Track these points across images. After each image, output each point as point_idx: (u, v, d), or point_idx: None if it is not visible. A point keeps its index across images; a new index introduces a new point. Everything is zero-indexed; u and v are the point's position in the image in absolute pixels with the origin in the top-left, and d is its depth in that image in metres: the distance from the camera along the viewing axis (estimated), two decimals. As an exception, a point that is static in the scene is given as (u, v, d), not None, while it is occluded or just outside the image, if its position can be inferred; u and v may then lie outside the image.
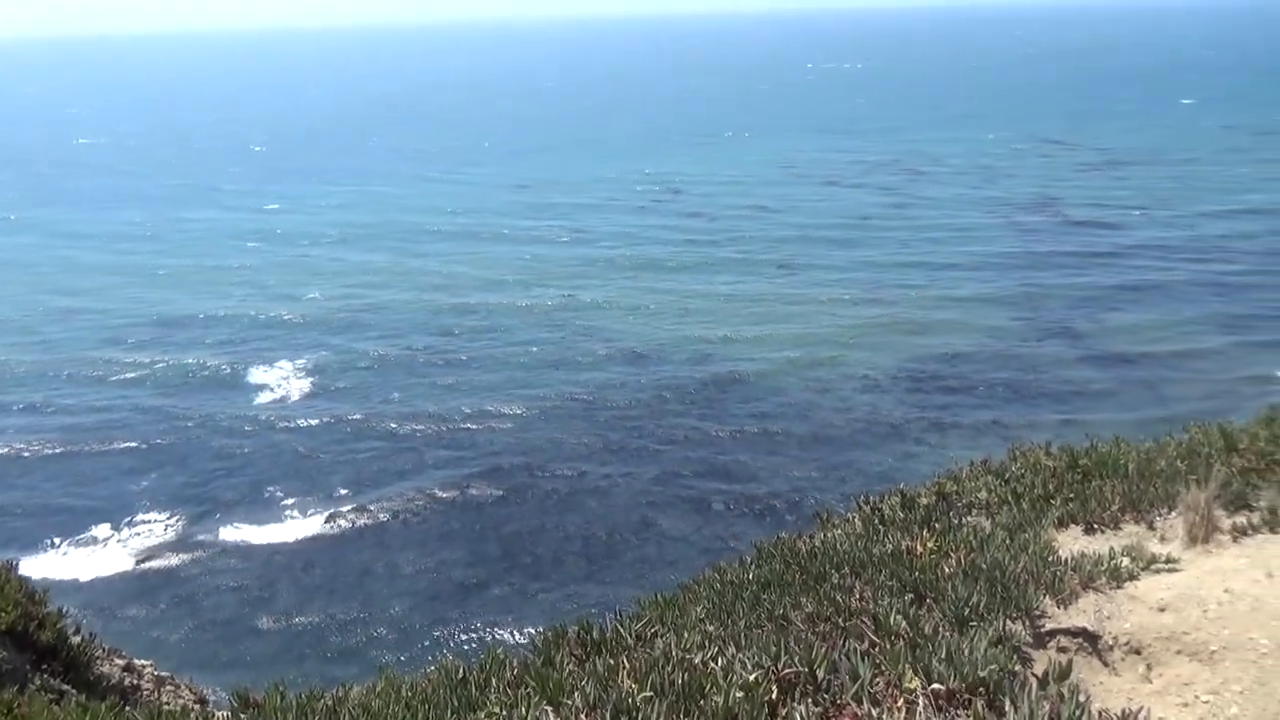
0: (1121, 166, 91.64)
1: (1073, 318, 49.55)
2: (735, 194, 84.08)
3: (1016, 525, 6.73)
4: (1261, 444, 7.13)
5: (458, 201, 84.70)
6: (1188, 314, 49.41)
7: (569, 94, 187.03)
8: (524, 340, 48.28)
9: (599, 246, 67.31)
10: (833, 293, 54.91)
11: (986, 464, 8.92)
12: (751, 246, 66.03)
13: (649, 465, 34.55)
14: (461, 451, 36.31)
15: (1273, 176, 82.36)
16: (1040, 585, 5.59)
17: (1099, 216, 71.09)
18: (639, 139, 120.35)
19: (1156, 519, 6.41)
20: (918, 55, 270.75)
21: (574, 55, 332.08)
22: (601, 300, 54.59)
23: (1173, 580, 5.42)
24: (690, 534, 30.04)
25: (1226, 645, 4.89)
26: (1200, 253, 60.33)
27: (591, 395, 40.96)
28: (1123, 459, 7.83)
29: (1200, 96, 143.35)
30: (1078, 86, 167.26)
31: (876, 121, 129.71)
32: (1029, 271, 57.67)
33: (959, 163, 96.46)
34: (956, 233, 67.60)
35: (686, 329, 49.33)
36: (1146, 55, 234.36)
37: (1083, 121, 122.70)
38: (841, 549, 7.13)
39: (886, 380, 41.82)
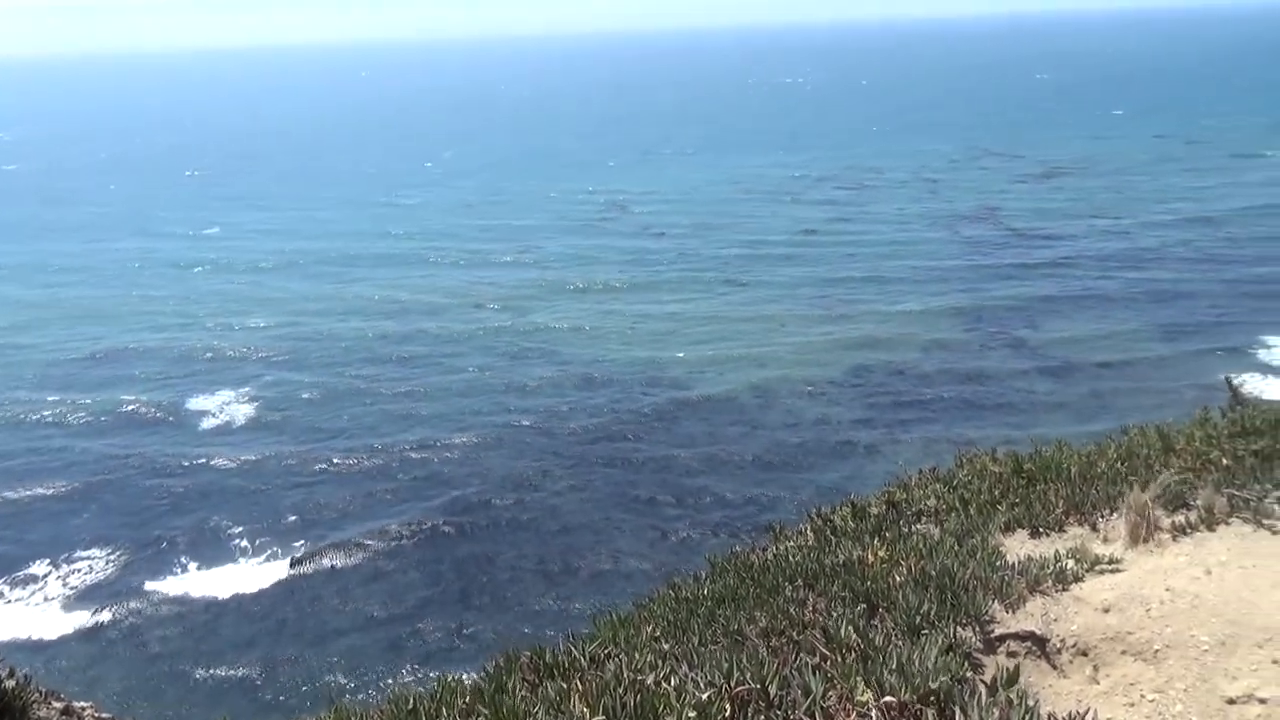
0: (1058, 177, 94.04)
1: (1016, 326, 50.59)
2: (682, 210, 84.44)
3: (964, 531, 6.79)
4: (1197, 445, 7.30)
5: (402, 224, 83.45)
6: (1127, 320, 50.75)
7: (514, 112, 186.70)
8: (472, 365, 47.67)
9: (547, 267, 66.93)
10: (781, 307, 55.40)
11: (935, 471, 9.02)
12: (699, 262, 66.34)
13: (603, 484, 34.45)
14: (412, 479, 35.77)
15: (1203, 185, 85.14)
16: (989, 590, 5.64)
17: (1039, 226, 72.80)
18: (585, 156, 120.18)
19: (1099, 520, 6.51)
20: (859, 70, 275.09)
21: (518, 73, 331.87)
22: (551, 322, 54.13)
23: (1116, 581, 5.50)
24: (646, 550, 29.98)
25: (1169, 644, 4.97)
26: (1137, 261, 62.06)
27: (543, 418, 40.65)
28: (1065, 463, 7.96)
29: (1130, 108, 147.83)
30: (1014, 99, 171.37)
31: (819, 136, 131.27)
32: (973, 282, 58.79)
33: (902, 175, 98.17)
34: (901, 245, 68.71)
35: (637, 347, 49.34)
36: (1078, 67, 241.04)
37: (1020, 133, 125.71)
38: (794, 561, 7.14)
39: (836, 392, 42.27)
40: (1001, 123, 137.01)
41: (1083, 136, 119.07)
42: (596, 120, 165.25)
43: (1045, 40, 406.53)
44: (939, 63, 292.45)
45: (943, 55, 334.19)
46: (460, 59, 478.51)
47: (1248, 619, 4.93)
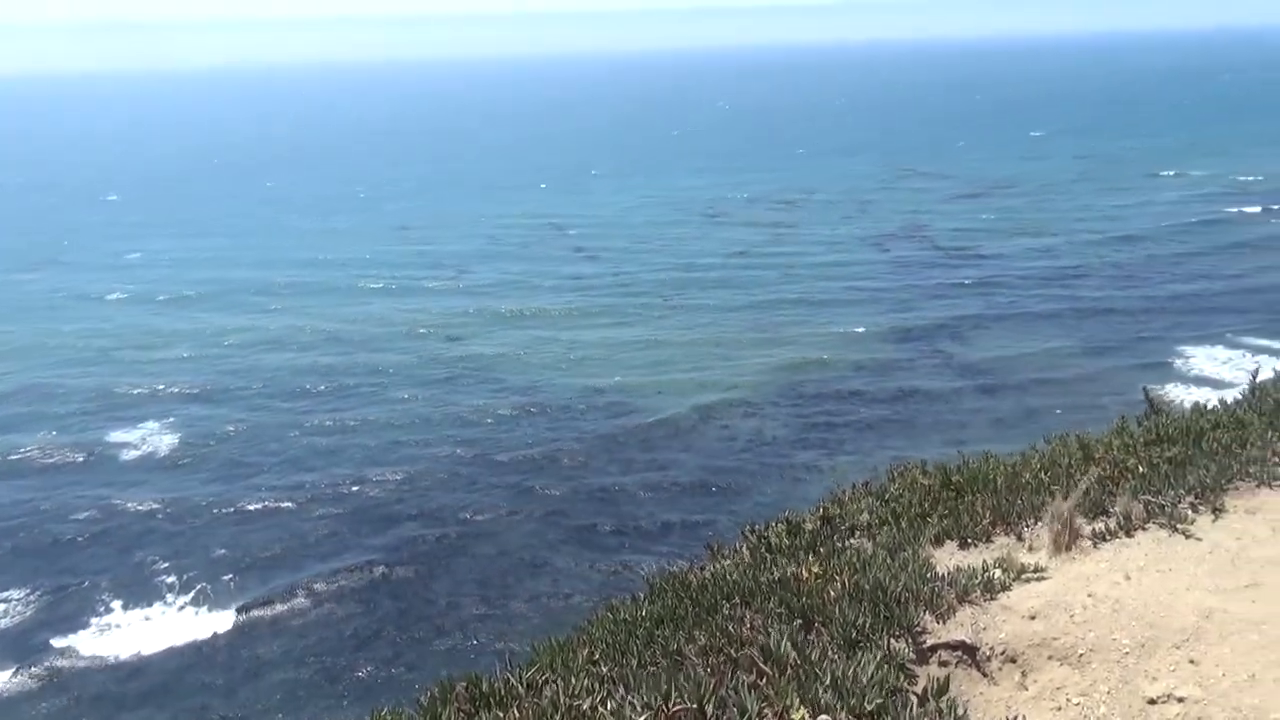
0: (983, 196, 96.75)
1: (946, 343, 51.77)
2: (616, 233, 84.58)
3: (896, 545, 6.90)
4: (1115, 453, 7.52)
5: (331, 251, 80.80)
6: (1052, 336, 52.29)
7: (445, 135, 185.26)
8: (406, 396, 46.56)
9: (481, 293, 65.94)
10: (716, 329, 55.85)
11: (868, 486, 9.16)
12: (634, 285, 66.45)
13: (541, 509, 34.22)
14: (345, 511, 34.90)
15: (1122, 204, 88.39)
16: (920, 602, 5.74)
17: (966, 245, 74.74)
18: (517, 179, 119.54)
19: (1025, 530, 6.67)
20: (786, 93, 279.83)
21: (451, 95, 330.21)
22: (486, 349, 53.26)
23: (1041, 588, 5.64)
24: (585, 572, 29.85)
25: (1093, 647, 5.11)
26: (1061, 278, 64.05)
27: (479, 447, 40.07)
28: (992, 474, 8.13)
29: (1048, 129, 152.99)
30: (939, 121, 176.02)
31: (751, 158, 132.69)
32: (904, 301, 60.05)
33: (832, 196, 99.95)
34: (834, 265, 69.88)
35: (573, 373, 49.12)
36: (997, 90, 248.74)
37: (945, 154, 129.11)
38: (731, 579, 7.18)
39: (772, 412, 42.70)
40: (928, 144, 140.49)
41: (1005, 158, 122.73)
42: (528, 143, 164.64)
43: (966, 64, 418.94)
44: (866, 86, 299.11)
45: (869, 78, 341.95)
46: (387, 82, 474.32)
47: (1165, 621, 5.10)
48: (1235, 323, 52.90)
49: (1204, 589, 5.29)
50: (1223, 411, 7.58)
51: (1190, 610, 5.13)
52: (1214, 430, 7.17)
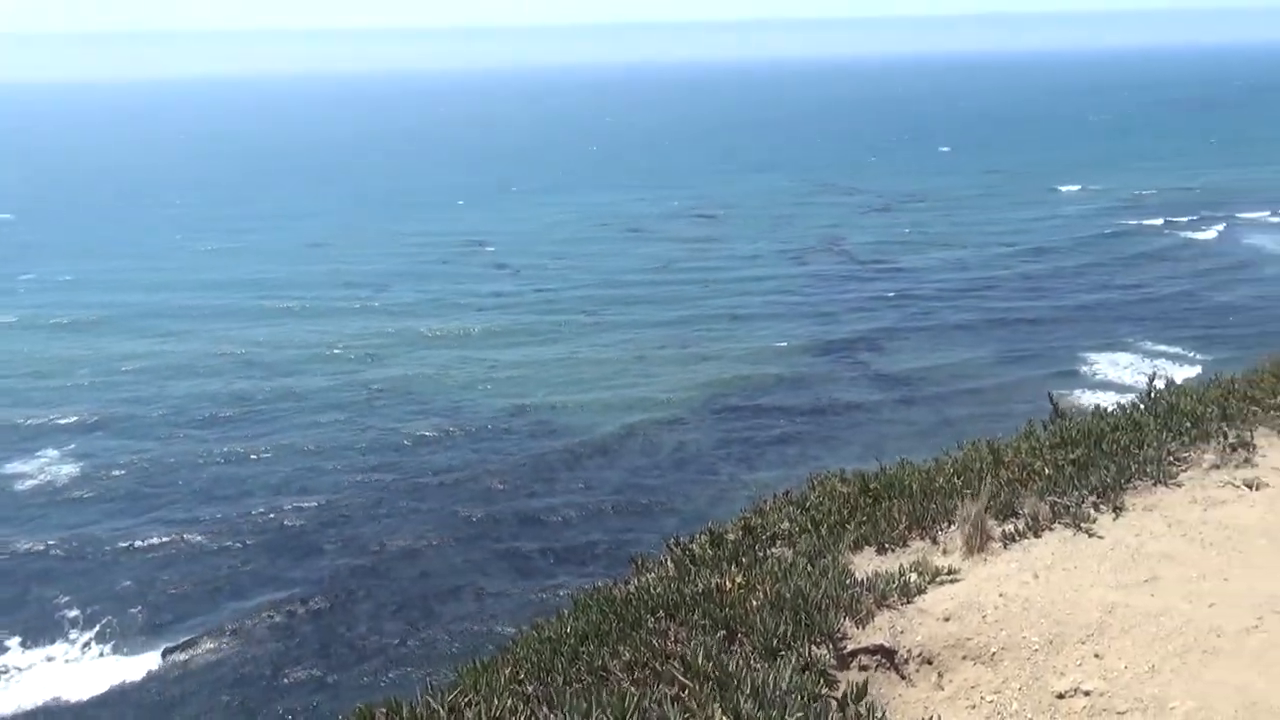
0: (895, 210, 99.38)
1: (865, 354, 52.93)
2: (536, 249, 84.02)
3: (816, 552, 7.00)
4: (1023, 456, 7.75)
5: (240, 270, 77.61)
6: (966, 345, 53.91)
7: (355, 150, 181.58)
8: (323, 422, 44.90)
9: (400, 313, 64.21)
10: (639, 342, 56.04)
11: (788, 495, 9.27)
12: (556, 302, 66.11)
13: (465, 529, 33.77)
14: (258, 541, 33.72)
15: (1029, 216, 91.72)
16: (840, 608, 5.83)
17: (882, 258, 76.58)
18: (433, 196, 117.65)
19: (939, 533, 6.81)
20: (705, 108, 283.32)
21: (362, 110, 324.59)
22: (406, 371, 51.91)
23: (955, 590, 5.77)
24: (511, 592, 29.53)
25: (1004, 646, 5.26)
26: (973, 289, 66.10)
27: (401, 469, 39.26)
28: (908, 480, 8.29)
29: (955, 144, 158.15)
30: (850, 136, 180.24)
31: (670, 173, 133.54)
32: (823, 312, 61.21)
33: (751, 210, 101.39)
34: (753, 278, 70.85)
35: (496, 390, 48.61)
36: (906, 106, 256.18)
37: (858, 169, 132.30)
38: (655, 592, 7.18)
39: (696, 425, 43.01)
40: (840, 159, 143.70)
41: (915, 172, 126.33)
42: (445, 158, 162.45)
43: (874, 81, 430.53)
44: (777, 102, 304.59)
45: (778, 95, 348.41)
46: (293, 95, 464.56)
47: (1071, 617, 5.28)
48: (1136, 330, 55.39)
49: (1106, 585, 5.49)
50: (1121, 414, 7.90)
51: (1094, 606, 5.32)
52: (1114, 432, 7.46)
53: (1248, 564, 5.51)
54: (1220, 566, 5.52)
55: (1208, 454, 6.80)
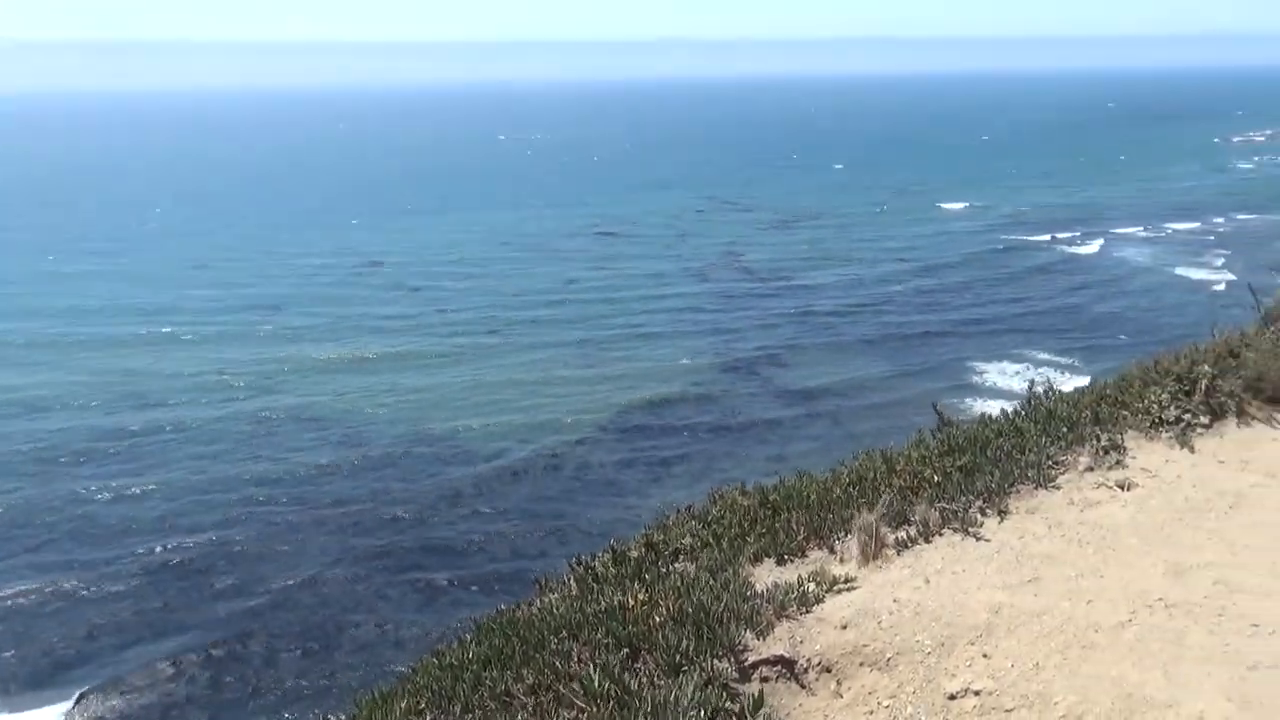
0: (793, 226, 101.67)
1: (766, 368, 53.88)
2: (437, 270, 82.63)
3: (718, 566, 7.05)
4: (914, 465, 7.97)
5: (119, 295, 72.91)
6: (863, 357, 55.45)
7: (240, 167, 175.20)
8: (212, 454, 42.74)
9: (297, 338, 61.36)
10: (544, 362, 55.75)
11: (691, 510, 9.33)
12: (459, 323, 65.15)
13: (367, 556, 32.89)
14: (141, 584, 31.91)
15: (921, 233, 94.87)
16: (741, 621, 5.88)
17: (781, 274, 78.10)
18: (325, 215, 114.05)
19: (836, 543, 6.93)
20: (603, 126, 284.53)
21: (247, 128, 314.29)
22: (302, 397, 49.96)
23: (852, 598, 5.88)
24: (415, 618, 28.88)
25: (899, 651, 5.38)
26: (869, 303, 68.01)
27: (299, 501, 37.87)
28: (806, 491, 8.43)
29: (848, 162, 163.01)
30: (751, 154, 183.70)
31: (570, 191, 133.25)
32: (725, 328, 62.06)
33: (651, 227, 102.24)
34: (656, 295, 71.31)
35: (398, 415, 47.41)
36: (804, 125, 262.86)
37: (758, 185, 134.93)
38: (558, 613, 7.12)
39: (601, 444, 42.99)
40: (737, 177, 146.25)
41: (811, 189, 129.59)
42: (335, 177, 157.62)
43: (771, 100, 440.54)
44: (680, 119, 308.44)
45: (682, 113, 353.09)
46: (208, 110, 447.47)
47: (961, 620, 5.45)
48: (1023, 341, 57.97)
49: (993, 586, 5.68)
50: (1004, 421, 8.21)
51: (982, 607, 5.49)
52: (997, 439, 7.74)
53: (1121, 561, 5.79)
54: (1096, 565, 5.78)
55: (1083, 457, 7.13)
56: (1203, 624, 5.10)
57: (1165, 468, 6.96)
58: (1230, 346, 8.05)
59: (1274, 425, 7.56)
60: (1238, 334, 8.39)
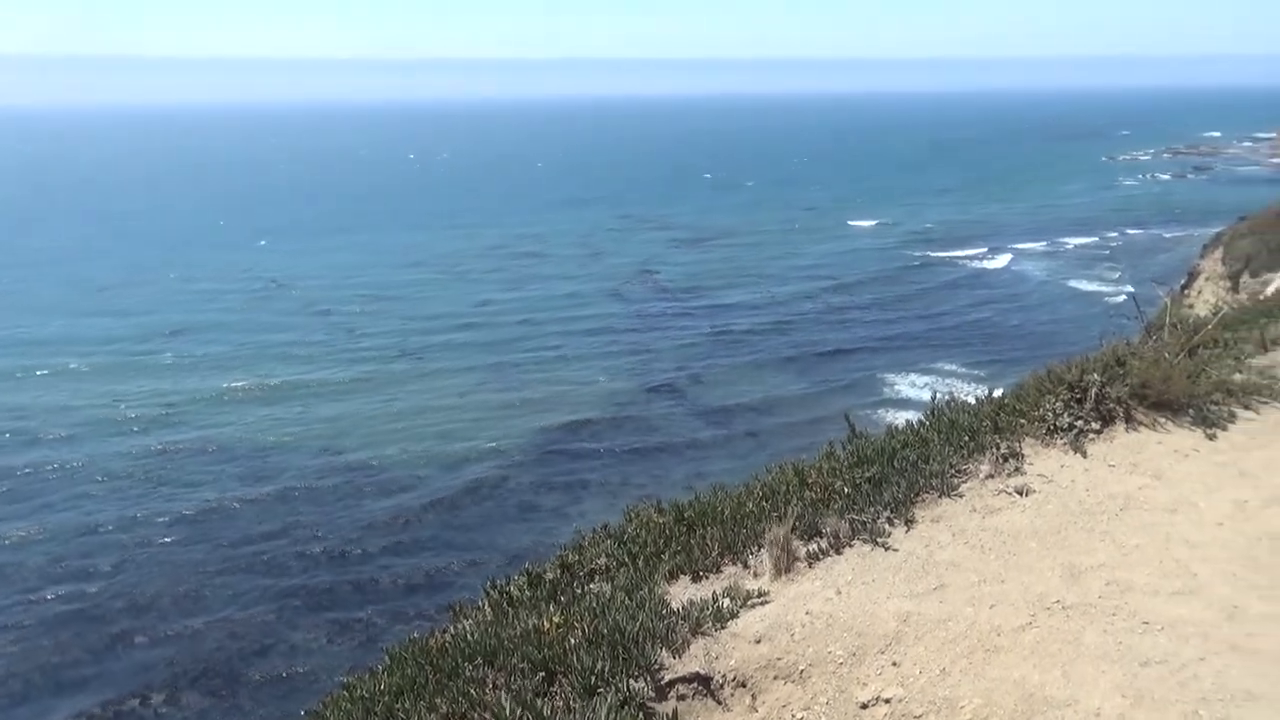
0: (706, 243, 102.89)
1: (683, 384, 54.26)
2: (346, 292, 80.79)
3: (633, 585, 7.02)
4: (825, 477, 8.08)
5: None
6: (778, 372, 56.34)
7: (151, 186, 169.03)
8: (105, 492, 40.61)
9: (202, 367, 58.62)
10: (460, 384, 55.06)
11: (606, 529, 9.29)
12: (371, 345, 63.86)
13: (277, 587, 31.90)
14: (24, 639, 30.14)
15: (831, 250, 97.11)
16: (656, 639, 5.87)
17: (696, 291, 78.93)
18: (230, 236, 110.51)
19: (750, 557, 6.97)
20: (510, 144, 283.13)
21: (149, 145, 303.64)
22: (208, 430, 47.72)
23: (765, 612, 5.92)
24: (326, 649, 28.09)
25: (812, 662, 5.44)
26: (783, 318, 69.20)
27: (204, 536, 36.40)
28: (720, 507, 8.46)
29: (759, 179, 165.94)
30: (662, 172, 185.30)
31: (482, 211, 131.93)
32: (642, 347, 62.32)
33: (566, 246, 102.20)
34: (573, 315, 71.25)
35: (309, 442, 46.14)
36: (715, 143, 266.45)
37: (669, 204, 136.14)
38: (473, 639, 6.99)
39: (520, 463, 42.64)
40: (649, 194, 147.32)
41: (723, 207, 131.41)
42: (239, 197, 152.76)
43: (680, 119, 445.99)
44: (589, 138, 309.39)
45: (592, 131, 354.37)
46: (106, 128, 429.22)
47: (871, 629, 5.54)
48: (931, 353, 59.78)
49: (901, 595, 5.80)
50: (910, 432, 8.41)
51: (891, 616, 5.60)
52: (903, 449, 7.92)
53: (1021, 565, 5.98)
54: (998, 570, 5.95)
55: (984, 465, 7.35)
56: (1098, 624, 5.30)
57: (1060, 473, 7.22)
58: (1117, 356, 8.43)
59: (1158, 429, 7.93)
60: (1124, 344, 8.79)
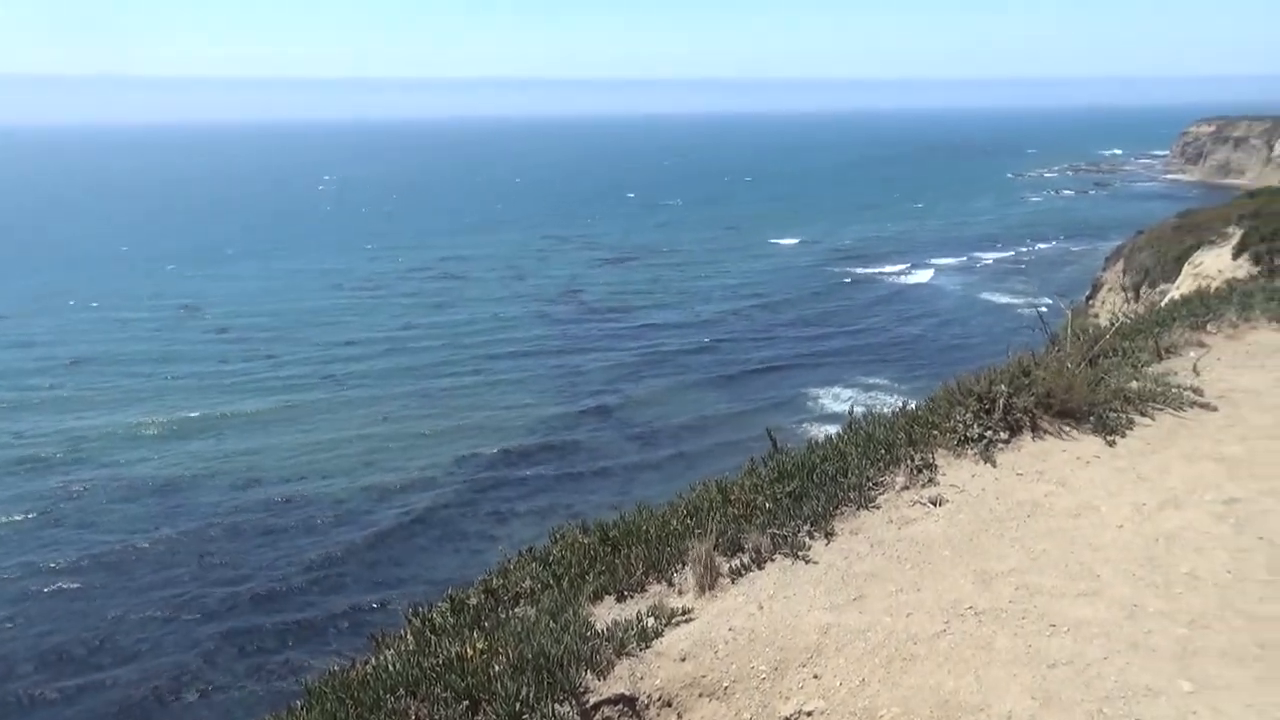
0: (631, 262, 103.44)
1: (610, 402, 54.29)
2: (263, 318, 78.34)
3: (558, 608, 6.98)
4: (747, 492, 8.16)
5: None
6: (704, 390, 56.81)
7: (49, 210, 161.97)
8: (2, 542, 38.36)
9: (104, 403, 55.40)
10: (384, 409, 54.09)
11: (531, 551, 9.22)
12: (291, 373, 62.14)
13: (195, 624, 30.82)
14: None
15: (753, 268, 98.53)
16: (581, 662, 5.84)
17: (621, 310, 79.20)
18: (135, 259, 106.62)
19: (674, 575, 6.99)
20: (428, 165, 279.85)
21: (65, 164, 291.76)
22: (113, 467, 45.55)
23: (689, 630, 5.95)
24: (247, 687, 27.22)
25: (735, 678, 5.48)
26: (708, 337, 69.80)
27: (114, 577, 34.95)
28: (645, 525, 8.46)
29: (685, 199, 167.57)
30: (583, 191, 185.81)
31: (402, 232, 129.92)
32: (568, 367, 62.22)
33: (490, 267, 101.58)
34: (498, 337, 70.79)
35: (226, 475, 44.55)
36: (635, 162, 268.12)
37: (593, 223, 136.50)
38: (394, 669, 6.87)
39: (446, 488, 42.08)
40: (573, 214, 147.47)
41: (649, 227, 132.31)
42: (151, 219, 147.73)
43: (596, 138, 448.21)
44: (508, 157, 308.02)
45: (510, 150, 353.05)
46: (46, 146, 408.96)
47: (793, 642, 5.60)
48: (856, 368, 61.04)
49: (822, 607, 5.88)
50: (829, 446, 8.56)
51: (812, 629, 5.68)
52: (823, 463, 8.05)
53: (935, 574, 6.13)
54: (914, 579, 6.09)
55: (899, 477, 7.52)
56: (1008, 628, 5.46)
57: (971, 482, 7.44)
58: (1023, 366, 8.73)
59: (1063, 437, 8.23)
60: (1029, 355, 9.11)
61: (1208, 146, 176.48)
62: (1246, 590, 5.76)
